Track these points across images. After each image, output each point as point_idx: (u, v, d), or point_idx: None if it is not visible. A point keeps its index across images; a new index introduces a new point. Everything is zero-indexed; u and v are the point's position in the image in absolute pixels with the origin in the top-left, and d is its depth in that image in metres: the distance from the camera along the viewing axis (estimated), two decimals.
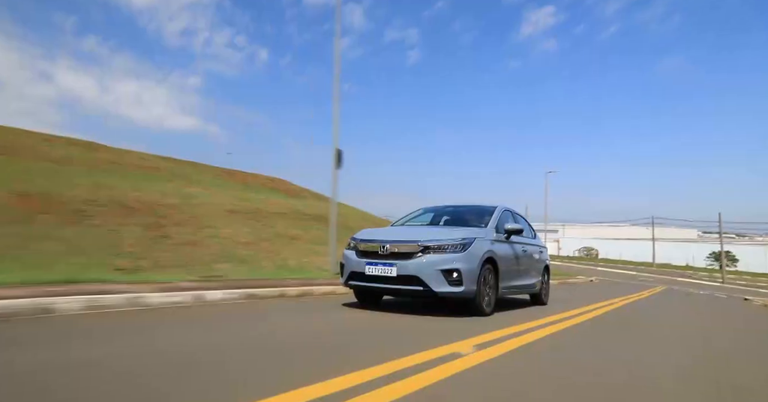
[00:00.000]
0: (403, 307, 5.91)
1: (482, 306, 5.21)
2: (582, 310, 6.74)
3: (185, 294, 4.86)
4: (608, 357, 3.41)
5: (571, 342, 3.97)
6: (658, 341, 4.49)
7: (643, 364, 3.19)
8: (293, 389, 1.99)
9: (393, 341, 3.49)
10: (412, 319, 4.79)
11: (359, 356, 2.83)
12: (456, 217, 6.50)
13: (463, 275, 4.93)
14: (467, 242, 5.13)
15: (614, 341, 4.26)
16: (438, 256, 4.96)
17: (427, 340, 3.50)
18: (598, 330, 4.99)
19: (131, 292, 4.47)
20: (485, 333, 3.94)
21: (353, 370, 2.40)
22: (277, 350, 2.91)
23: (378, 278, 5.08)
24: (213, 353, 2.73)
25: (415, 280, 4.89)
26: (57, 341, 2.87)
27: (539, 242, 7.67)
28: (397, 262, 4.98)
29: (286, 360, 2.64)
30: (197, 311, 4.45)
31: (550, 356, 3.27)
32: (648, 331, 5.22)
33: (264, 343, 3.14)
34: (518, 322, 4.92)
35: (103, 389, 1.93)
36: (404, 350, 2.97)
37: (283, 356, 2.74)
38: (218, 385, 2.05)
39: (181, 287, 5.28)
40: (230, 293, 5.30)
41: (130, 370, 2.24)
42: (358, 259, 5.31)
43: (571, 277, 21.79)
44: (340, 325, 4.17)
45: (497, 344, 3.45)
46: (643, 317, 6.99)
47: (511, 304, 7.05)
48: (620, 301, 9.74)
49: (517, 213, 7.13)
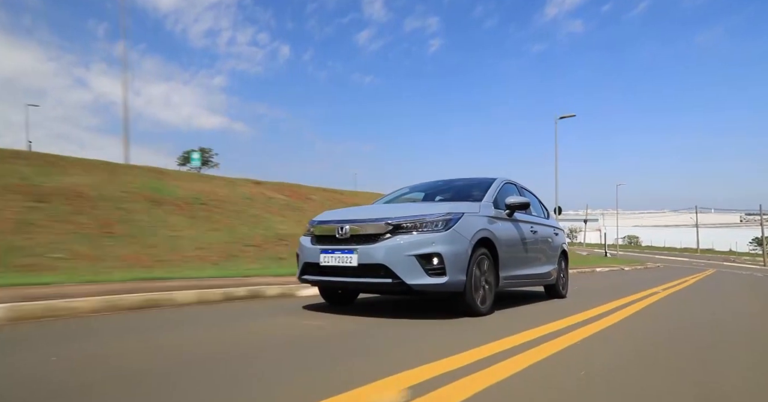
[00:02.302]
0: (385, 307, 4.72)
1: (475, 303, 3.97)
2: (627, 301, 5.39)
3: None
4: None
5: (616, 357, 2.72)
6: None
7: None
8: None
9: (294, 372, 2.30)
10: (374, 324, 3.56)
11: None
12: (447, 193, 5.26)
13: (447, 261, 3.70)
14: (452, 218, 3.89)
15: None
16: (412, 237, 3.73)
17: (355, 370, 2.31)
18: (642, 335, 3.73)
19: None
20: (463, 351, 2.68)
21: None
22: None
23: (335, 270, 3.90)
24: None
25: (381, 269, 3.68)
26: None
27: (554, 223, 6.30)
28: (359, 248, 3.79)
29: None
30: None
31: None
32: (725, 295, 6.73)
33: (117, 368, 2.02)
34: (526, 325, 3.66)
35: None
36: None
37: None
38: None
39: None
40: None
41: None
42: (312, 246, 4.15)
43: (630, 265, 23.94)
44: (244, 340, 3.01)
45: (473, 375, 2.22)
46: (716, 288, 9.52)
47: (520, 298, 5.76)
48: (692, 279, 12.61)
49: (524, 187, 5.81)
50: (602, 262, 26.03)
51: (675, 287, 9.28)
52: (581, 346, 2.87)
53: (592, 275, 13.95)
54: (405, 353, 2.55)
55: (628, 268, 21.25)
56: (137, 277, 5.78)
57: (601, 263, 23.43)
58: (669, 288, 8.88)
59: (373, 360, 2.37)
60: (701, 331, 3.74)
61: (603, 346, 2.90)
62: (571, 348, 2.78)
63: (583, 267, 17.45)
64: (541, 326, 3.53)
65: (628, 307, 5.17)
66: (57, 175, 10.46)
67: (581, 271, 14.74)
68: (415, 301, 5.26)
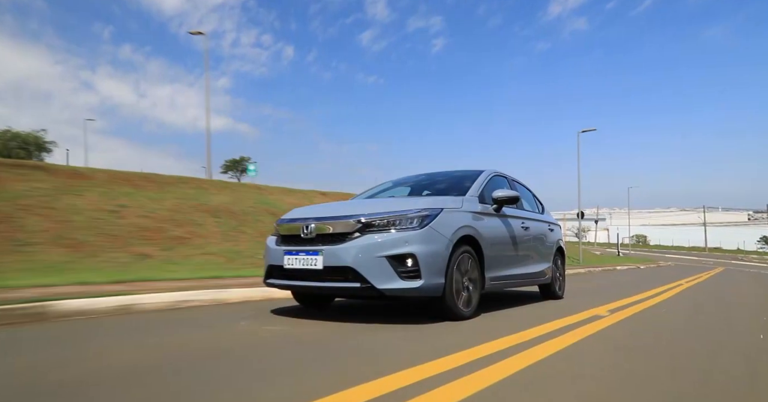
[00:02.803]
0: (363, 309, 4.35)
1: (456, 306, 3.60)
2: (638, 297, 5.01)
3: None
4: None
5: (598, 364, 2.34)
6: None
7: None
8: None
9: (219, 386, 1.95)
10: (340, 330, 3.21)
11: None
12: (432, 187, 4.88)
13: (422, 263, 3.33)
14: (428, 214, 3.52)
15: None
16: (383, 237, 3.37)
17: (293, 386, 1.96)
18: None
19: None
20: (426, 362, 2.33)
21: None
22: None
23: (300, 273, 3.54)
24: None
25: (348, 272, 3.32)
26: None
27: (549, 218, 5.91)
28: (324, 248, 3.43)
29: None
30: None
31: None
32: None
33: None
34: (510, 329, 3.29)
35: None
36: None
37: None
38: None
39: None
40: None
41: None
42: (276, 247, 3.80)
43: (644, 263, 25.75)
44: (182, 349, 2.66)
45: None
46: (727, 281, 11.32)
47: (512, 300, 5.37)
48: (705, 275, 14.12)
49: (516, 180, 5.43)
50: (619, 261, 27.54)
51: (694, 281, 11.05)
52: (573, 350, 2.49)
53: (614, 273, 15.59)
54: (360, 364, 2.19)
55: (643, 266, 22.71)
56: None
57: (619, 262, 25.05)
58: (690, 281, 10.85)
59: (323, 372, 2.00)
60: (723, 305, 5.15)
61: (601, 346, 2.53)
62: (561, 353, 2.40)
63: (606, 265, 20.09)
64: (525, 330, 3.16)
65: (664, 293, 5.55)
66: (209, 195, 13.56)
67: (605, 270, 17.17)
68: (399, 304, 4.89)
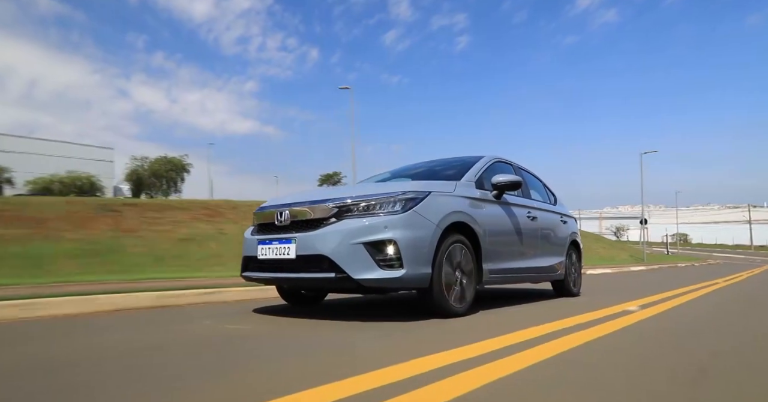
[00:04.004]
0: (355, 307, 4.03)
1: (446, 301, 3.22)
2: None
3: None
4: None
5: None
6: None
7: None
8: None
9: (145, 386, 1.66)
10: (313, 328, 2.86)
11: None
12: (428, 175, 4.51)
13: (403, 250, 2.97)
14: (413, 197, 3.16)
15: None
16: (361, 221, 3.02)
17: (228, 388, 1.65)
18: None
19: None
20: (388, 366, 1.99)
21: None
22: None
23: (274, 263, 3.24)
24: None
25: (323, 261, 2.99)
26: None
27: (562, 209, 5.43)
28: (298, 236, 3.12)
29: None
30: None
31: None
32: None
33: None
34: (505, 328, 2.90)
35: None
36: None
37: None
38: None
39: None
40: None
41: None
42: (251, 236, 3.52)
43: (696, 261, 28.97)
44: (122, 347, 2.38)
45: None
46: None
47: (521, 297, 4.94)
48: (757, 270, 16.12)
49: (524, 168, 5.00)
50: (674, 259, 30.71)
51: (748, 274, 12.76)
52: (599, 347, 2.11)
53: (677, 269, 17.28)
54: (314, 364, 1.86)
55: (697, 264, 25.12)
56: None
57: (677, 261, 28.26)
58: (746, 274, 12.80)
59: (276, 374, 1.69)
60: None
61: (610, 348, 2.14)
62: (554, 360, 2.02)
63: (669, 263, 24.36)
64: (522, 330, 2.77)
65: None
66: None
67: (671, 266, 20.17)
68: (401, 300, 4.54)
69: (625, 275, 11.89)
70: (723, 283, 8.26)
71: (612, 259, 25.85)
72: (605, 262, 21.13)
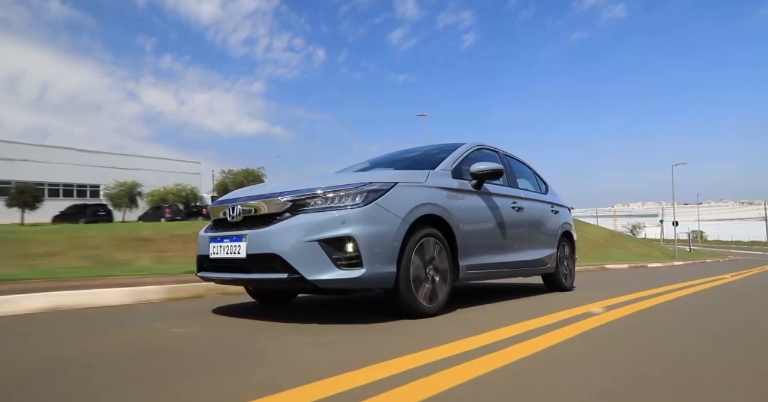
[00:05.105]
0: (326, 306, 3.76)
1: (415, 301, 2.94)
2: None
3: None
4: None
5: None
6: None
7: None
8: None
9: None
10: (266, 331, 2.59)
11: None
12: (405, 166, 4.20)
13: (363, 248, 2.68)
14: (375, 189, 2.87)
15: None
16: (316, 217, 2.74)
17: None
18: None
19: None
20: (327, 377, 1.73)
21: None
22: None
23: (225, 263, 2.98)
24: None
25: (276, 261, 2.71)
26: None
27: (553, 198, 5.10)
28: (248, 233, 2.85)
29: None
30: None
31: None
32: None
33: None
34: (477, 329, 2.62)
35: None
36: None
37: None
38: None
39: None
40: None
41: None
42: (204, 233, 3.26)
43: (720, 257, 31.52)
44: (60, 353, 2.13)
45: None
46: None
47: (506, 292, 4.62)
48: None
49: (511, 155, 4.68)
50: (699, 256, 33.10)
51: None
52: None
53: (705, 265, 18.68)
54: (247, 374, 1.61)
55: (722, 260, 27.20)
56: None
57: (703, 257, 30.68)
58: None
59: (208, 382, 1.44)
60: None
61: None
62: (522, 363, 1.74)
63: (698, 259, 26.85)
64: (496, 330, 2.49)
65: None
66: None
67: (702, 262, 22.57)
68: (376, 299, 4.27)
69: (672, 268, 14.33)
70: (757, 270, 12.24)
71: (648, 256, 27.58)
72: (639, 258, 23.39)
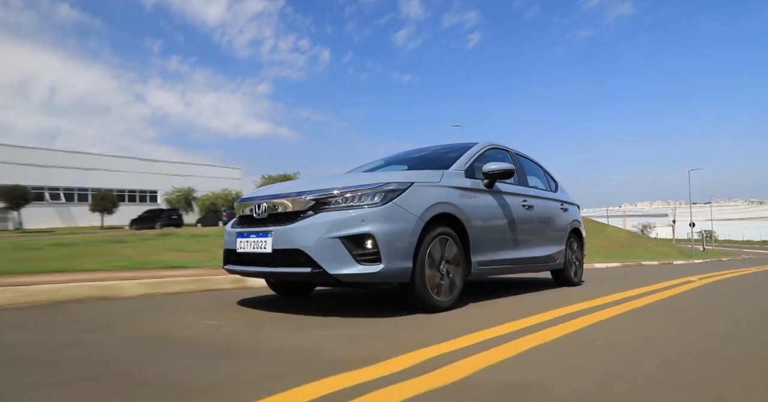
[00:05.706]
0: (344, 300, 3.95)
1: (429, 295, 3.12)
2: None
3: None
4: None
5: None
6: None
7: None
8: None
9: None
10: (289, 325, 2.81)
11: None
12: (421, 163, 4.34)
13: (381, 245, 2.86)
14: (393, 189, 3.04)
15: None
16: (338, 215, 2.93)
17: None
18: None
19: None
20: (337, 373, 1.92)
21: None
22: None
23: (251, 257, 3.18)
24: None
25: (299, 256, 2.90)
26: None
27: (563, 196, 5.25)
28: (274, 229, 3.05)
29: None
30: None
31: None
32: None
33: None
34: (489, 322, 2.80)
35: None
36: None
37: None
38: None
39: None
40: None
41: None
42: (231, 229, 3.46)
43: (734, 256, 33.95)
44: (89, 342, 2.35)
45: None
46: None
47: (518, 287, 4.77)
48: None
49: (522, 154, 4.83)
50: (714, 255, 34.92)
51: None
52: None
53: (720, 262, 19.72)
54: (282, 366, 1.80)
55: (738, 258, 29.42)
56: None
57: (719, 256, 32.45)
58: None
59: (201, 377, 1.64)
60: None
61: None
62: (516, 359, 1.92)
63: (715, 258, 28.60)
64: (508, 323, 2.66)
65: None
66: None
67: (719, 260, 24.06)
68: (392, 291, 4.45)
69: (695, 266, 15.41)
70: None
71: (668, 255, 28.41)
72: (661, 257, 24.40)
